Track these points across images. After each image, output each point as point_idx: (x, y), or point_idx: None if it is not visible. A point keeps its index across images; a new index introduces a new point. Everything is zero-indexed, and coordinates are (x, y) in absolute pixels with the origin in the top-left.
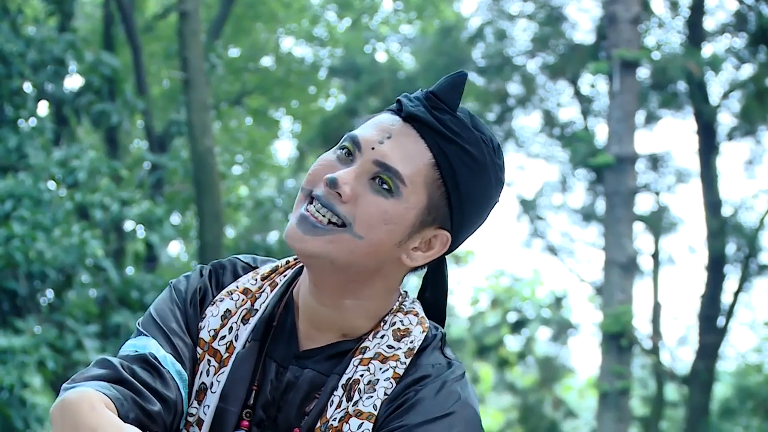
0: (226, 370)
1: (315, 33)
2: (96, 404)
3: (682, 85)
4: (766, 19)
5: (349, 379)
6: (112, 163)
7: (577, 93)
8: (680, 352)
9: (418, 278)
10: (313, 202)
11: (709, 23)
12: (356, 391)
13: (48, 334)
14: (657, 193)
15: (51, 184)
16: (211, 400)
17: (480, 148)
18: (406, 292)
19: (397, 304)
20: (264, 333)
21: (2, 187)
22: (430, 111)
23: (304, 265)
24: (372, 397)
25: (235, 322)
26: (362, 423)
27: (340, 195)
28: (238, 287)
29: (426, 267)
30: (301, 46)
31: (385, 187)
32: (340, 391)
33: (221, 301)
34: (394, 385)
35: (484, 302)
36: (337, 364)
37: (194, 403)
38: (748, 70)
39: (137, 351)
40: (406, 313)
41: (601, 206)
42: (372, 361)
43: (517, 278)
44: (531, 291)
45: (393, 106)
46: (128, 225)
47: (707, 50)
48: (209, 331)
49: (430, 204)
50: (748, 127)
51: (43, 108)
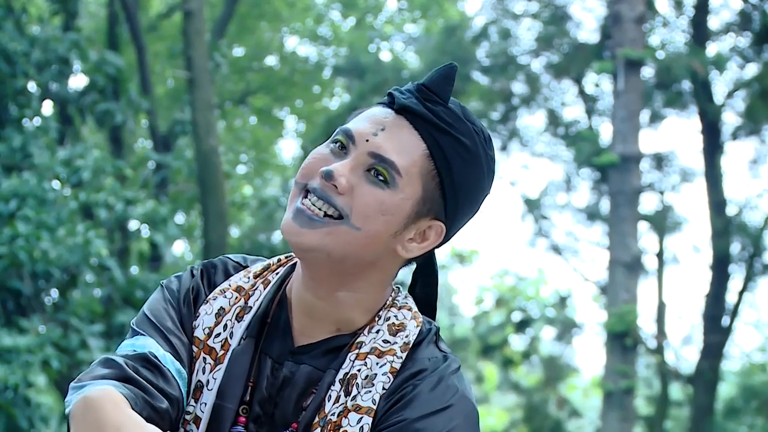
0: (222, 367)
1: (319, 32)
2: (119, 402)
3: (686, 85)
4: None
5: (347, 374)
6: (117, 162)
7: (582, 92)
8: (685, 352)
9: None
10: (308, 195)
11: (713, 22)
12: (354, 386)
13: (52, 333)
14: (661, 193)
15: (55, 184)
16: (208, 397)
17: (473, 138)
18: (399, 288)
19: (391, 299)
20: (259, 330)
21: (6, 187)
22: (423, 103)
23: (296, 263)
24: (371, 391)
25: (230, 320)
26: (362, 417)
27: (336, 187)
28: (230, 285)
29: (417, 261)
30: (306, 46)
31: (380, 178)
32: (337, 386)
33: (214, 299)
34: (392, 380)
35: (488, 302)
36: (333, 359)
37: (191, 401)
38: (752, 70)
39: (136, 350)
40: (400, 308)
41: (605, 205)
42: (368, 355)
43: (521, 277)
44: (535, 290)
45: (385, 100)
46: (133, 224)
47: (712, 49)
48: (204, 329)
49: (425, 194)
50: (753, 126)
51: (47, 107)
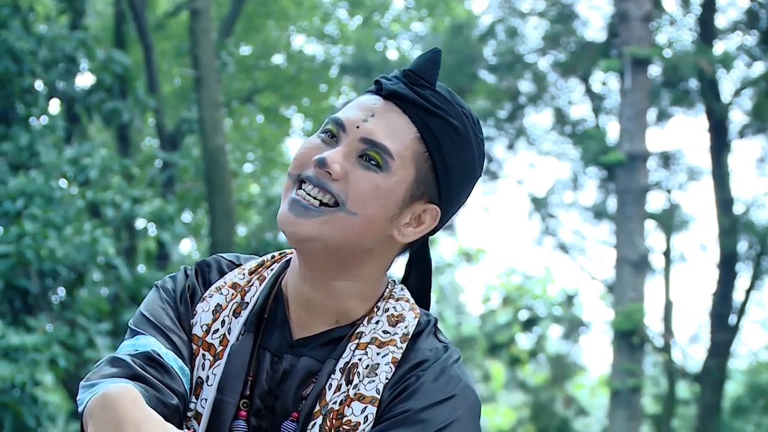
0: (221, 363)
1: (326, 31)
2: (137, 399)
3: (693, 83)
4: None
5: (347, 362)
6: (124, 161)
7: (589, 91)
8: (692, 350)
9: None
10: (302, 186)
11: (720, 21)
12: (355, 375)
13: (59, 332)
14: (668, 191)
15: (62, 182)
16: (209, 393)
17: (462, 120)
18: (395, 281)
19: (388, 290)
20: (256, 325)
21: (14, 185)
22: (410, 87)
23: (290, 259)
24: (374, 381)
25: (227, 316)
26: (366, 407)
27: (330, 174)
28: (226, 282)
29: (411, 249)
30: (313, 44)
31: (373, 163)
32: (338, 375)
33: (210, 296)
34: (394, 370)
35: (495, 300)
36: (333, 349)
37: (191, 398)
38: (759, 68)
39: (138, 350)
40: (398, 299)
41: (612, 204)
42: (369, 345)
43: (528, 276)
44: (542, 289)
45: (372, 88)
46: (140, 223)
47: (719, 48)
48: (202, 326)
49: (418, 177)
50: (760, 124)
51: (54, 106)
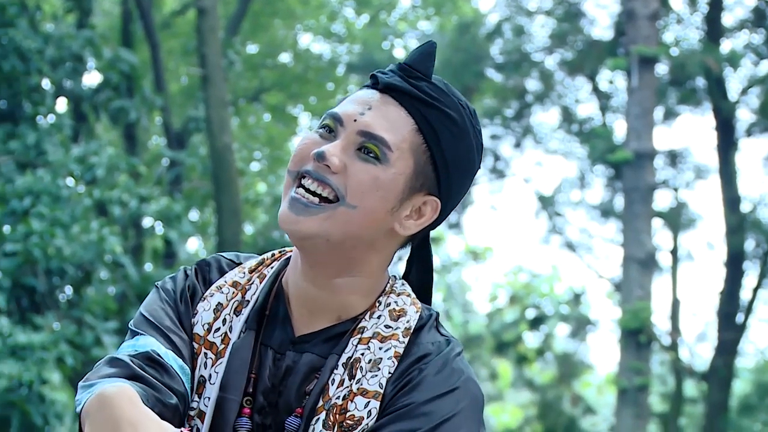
0: (223, 361)
1: (333, 29)
2: (134, 398)
3: (700, 81)
4: None
5: (349, 358)
6: (131, 159)
7: (596, 89)
8: (699, 349)
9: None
10: (302, 183)
11: (727, 19)
12: (358, 369)
13: (67, 330)
14: (675, 190)
15: (69, 181)
16: (211, 391)
17: (459, 111)
18: (395, 276)
19: (389, 285)
20: (258, 322)
21: (21, 184)
22: (406, 79)
23: (290, 257)
24: (377, 375)
25: (228, 314)
26: (369, 401)
27: (329, 167)
28: (226, 281)
29: (413, 243)
30: (319, 43)
31: (371, 155)
32: (341, 370)
33: (211, 295)
34: (396, 364)
35: (502, 299)
36: (335, 345)
37: (194, 397)
38: (766, 66)
39: (138, 350)
40: (399, 294)
41: (619, 202)
42: (371, 340)
43: (535, 275)
44: (549, 287)
45: (368, 83)
46: (147, 221)
47: (726, 46)
48: (203, 325)
49: (417, 169)
50: (767, 123)
51: (61, 105)
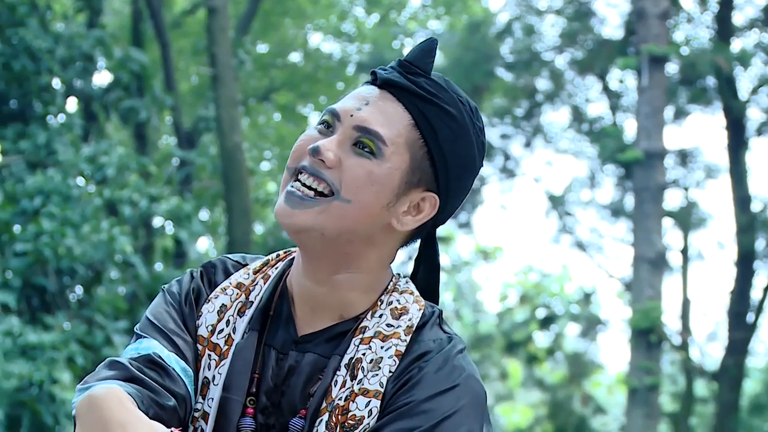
0: (226, 362)
1: (343, 29)
2: (124, 400)
3: (711, 81)
4: None
5: (351, 358)
6: (141, 159)
7: (606, 88)
8: (709, 348)
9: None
10: (298, 178)
11: (738, 18)
12: (359, 370)
13: (77, 330)
14: (686, 189)
15: (80, 181)
16: (215, 392)
17: (458, 108)
18: (399, 274)
19: (392, 284)
20: (261, 323)
21: (31, 184)
22: (405, 75)
23: (294, 256)
24: (377, 375)
25: (232, 315)
26: (370, 401)
27: (324, 162)
28: (231, 283)
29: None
30: (329, 42)
31: (366, 150)
32: (343, 371)
33: (216, 297)
34: (398, 363)
35: (512, 298)
36: (337, 345)
37: (198, 398)
38: None
39: (139, 353)
40: (401, 292)
41: (629, 202)
42: (373, 339)
43: (545, 274)
44: (560, 287)
45: (369, 79)
46: (157, 221)
47: (736, 45)
48: (207, 327)
49: (413, 164)
50: None
51: (71, 104)
